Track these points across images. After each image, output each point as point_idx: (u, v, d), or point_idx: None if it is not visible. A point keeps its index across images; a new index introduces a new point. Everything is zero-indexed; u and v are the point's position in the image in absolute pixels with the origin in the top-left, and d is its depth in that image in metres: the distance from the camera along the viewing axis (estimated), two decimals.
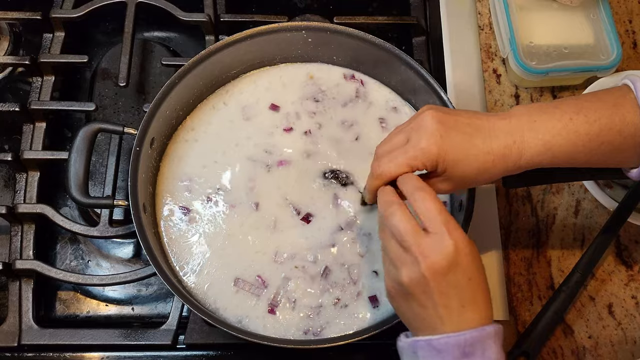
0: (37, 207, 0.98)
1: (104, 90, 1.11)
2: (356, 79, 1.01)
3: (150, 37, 1.18)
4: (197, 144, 0.96)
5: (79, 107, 1.05)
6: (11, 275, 0.96)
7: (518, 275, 0.97)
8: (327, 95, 1.00)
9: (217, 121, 0.98)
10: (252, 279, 0.88)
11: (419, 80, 0.94)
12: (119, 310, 1.01)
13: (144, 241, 0.84)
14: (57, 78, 1.09)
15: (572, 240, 0.99)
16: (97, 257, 1.04)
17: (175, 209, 0.92)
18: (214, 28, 1.10)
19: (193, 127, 0.97)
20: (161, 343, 0.93)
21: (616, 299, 0.96)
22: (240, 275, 0.89)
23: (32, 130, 1.04)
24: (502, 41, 1.07)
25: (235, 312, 0.87)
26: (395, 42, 0.97)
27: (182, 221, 0.92)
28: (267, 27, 0.96)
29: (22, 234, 0.99)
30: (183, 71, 0.93)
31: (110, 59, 1.13)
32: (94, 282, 0.95)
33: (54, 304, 1.01)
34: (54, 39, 1.10)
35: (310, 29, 0.97)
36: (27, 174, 1.02)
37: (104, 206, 0.92)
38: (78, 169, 0.88)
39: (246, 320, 0.86)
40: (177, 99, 0.94)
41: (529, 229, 1.00)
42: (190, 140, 0.97)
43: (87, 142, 0.89)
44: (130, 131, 0.90)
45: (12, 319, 0.95)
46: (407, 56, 0.94)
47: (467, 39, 1.10)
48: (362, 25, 1.10)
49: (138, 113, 1.10)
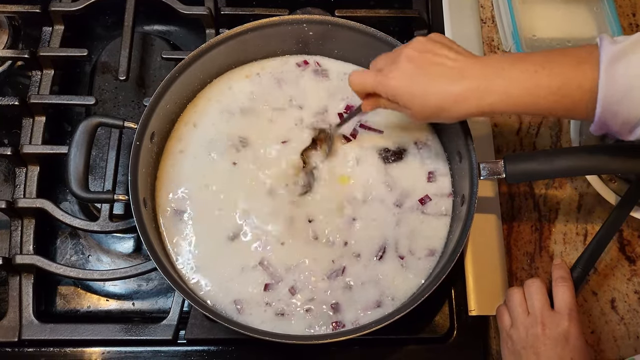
0: (37, 201, 0.98)
1: (104, 84, 1.11)
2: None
3: (151, 30, 1.17)
4: (197, 138, 0.96)
5: (78, 101, 1.04)
6: (11, 270, 0.96)
7: (520, 270, 0.97)
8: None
9: (218, 114, 0.97)
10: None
11: None
12: (119, 305, 1.01)
13: (144, 236, 0.83)
14: (57, 72, 1.08)
15: (574, 235, 0.99)
16: (98, 251, 1.04)
17: (175, 204, 0.92)
18: (215, 21, 1.10)
19: (194, 122, 0.97)
20: (162, 338, 0.93)
21: (619, 293, 0.96)
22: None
23: (31, 125, 1.04)
24: (505, 34, 1.06)
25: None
26: (397, 36, 0.95)
27: (182, 215, 0.91)
28: (268, 21, 0.96)
29: (22, 229, 0.98)
30: (183, 65, 0.92)
31: (110, 53, 1.12)
32: (94, 277, 0.95)
33: (55, 298, 1.01)
34: (54, 33, 1.10)
35: (312, 22, 0.96)
36: (26, 168, 1.01)
37: (105, 201, 0.91)
38: (78, 163, 0.87)
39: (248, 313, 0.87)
40: (178, 93, 0.94)
41: (532, 223, 0.99)
42: (191, 133, 0.96)
43: (87, 136, 0.89)
44: (131, 125, 0.90)
45: (13, 314, 0.94)
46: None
47: (470, 32, 1.09)
48: (363, 19, 1.09)
49: (138, 107, 1.09)
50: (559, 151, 0.91)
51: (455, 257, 0.82)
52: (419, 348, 0.94)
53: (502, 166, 0.86)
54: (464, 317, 0.95)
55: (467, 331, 0.95)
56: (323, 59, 1.02)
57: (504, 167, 0.85)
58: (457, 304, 0.96)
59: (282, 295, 0.87)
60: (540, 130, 1.04)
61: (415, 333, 0.95)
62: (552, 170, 0.86)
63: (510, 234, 0.98)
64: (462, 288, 0.94)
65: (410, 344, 0.94)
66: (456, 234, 0.86)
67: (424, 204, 0.93)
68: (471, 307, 0.92)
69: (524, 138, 1.04)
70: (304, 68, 1.01)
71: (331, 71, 1.01)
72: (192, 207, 0.92)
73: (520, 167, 0.85)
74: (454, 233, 0.88)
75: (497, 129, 1.04)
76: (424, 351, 0.94)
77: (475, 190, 0.85)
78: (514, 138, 1.04)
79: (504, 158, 0.86)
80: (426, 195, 0.93)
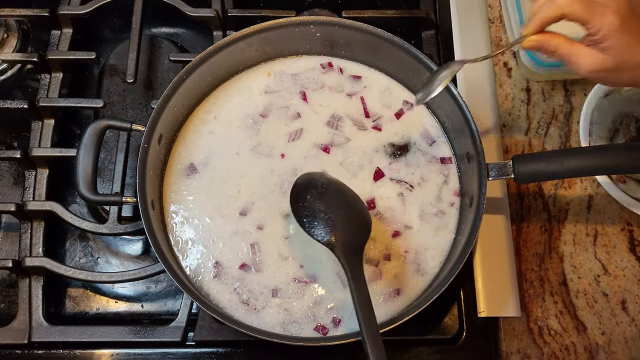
0: (46, 204, 0.98)
1: (112, 87, 1.11)
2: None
3: (158, 33, 1.17)
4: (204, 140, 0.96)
5: (87, 104, 1.05)
6: (21, 272, 0.97)
7: (530, 271, 0.96)
8: None
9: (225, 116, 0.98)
10: None
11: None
12: (128, 307, 1.01)
13: (152, 238, 0.83)
14: (66, 75, 1.09)
15: (584, 236, 0.98)
16: (107, 254, 1.04)
17: (183, 206, 0.92)
18: (222, 23, 1.10)
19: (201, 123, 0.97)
20: (170, 340, 0.93)
21: (630, 294, 0.95)
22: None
23: (40, 128, 1.04)
24: (513, 34, 1.05)
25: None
26: (405, 36, 0.95)
27: (190, 217, 0.91)
28: (275, 22, 0.96)
29: (31, 231, 0.99)
30: (191, 67, 0.92)
31: (118, 55, 1.13)
32: (103, 279, 0.95)
33: (64, 300, 1.01)
34: (62, 36, 1.10)
35: (319, 23, 0.96)
36: (35, 171, 1.02)
37: (113, 203, 0.92)
38: (86, 166, 0.88)
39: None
40: (185, 95, 0.94)
41: (541, 224, 0.99)
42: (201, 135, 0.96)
43: (95, 138, 0.89)
44: (138, 128, 0.90)
45: (22, 317, 0.95)
46: (417, 50, 0.94)
47: (477, 32, 1.09)
48: (370, 19, 1.09)
49: (146, 109, 1.09)
50: (568, 151, 0.90)
51: (464, 258, 0.82)
52: (428, 350, 0.94)
53: (510, 167, 0.85)
54: (473, 319, 0.94)
55: (476, 333, 0.94)
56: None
57: (513, 168, 0.85)
58: (466, 306, 0.95)
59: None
60: (549, 130, 1.04)
61: (424, 334, 0.95)
62: (562, 171, 0.85)
63: (520, 235, 0.98)
64: (471, 289, 0.93)
65: (419, 346, 0.94)
66: (465, 236, 0.86)
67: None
68: (480, 309, 0.92)
69: (532, 138, 1.03)
70: (327, 70, 1.01)
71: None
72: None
73: (529, 168, 0.85)
74: (463, 235, 0.88)
75: (506, 128, 1.04)
76: (432, 353, 0.94)
77: (483, 191, 0.85)
78: (523, 138, 1.03)
79: (512, 158, 0.86)
80: None
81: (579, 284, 0.96)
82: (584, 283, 0.96)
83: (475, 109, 0.91)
